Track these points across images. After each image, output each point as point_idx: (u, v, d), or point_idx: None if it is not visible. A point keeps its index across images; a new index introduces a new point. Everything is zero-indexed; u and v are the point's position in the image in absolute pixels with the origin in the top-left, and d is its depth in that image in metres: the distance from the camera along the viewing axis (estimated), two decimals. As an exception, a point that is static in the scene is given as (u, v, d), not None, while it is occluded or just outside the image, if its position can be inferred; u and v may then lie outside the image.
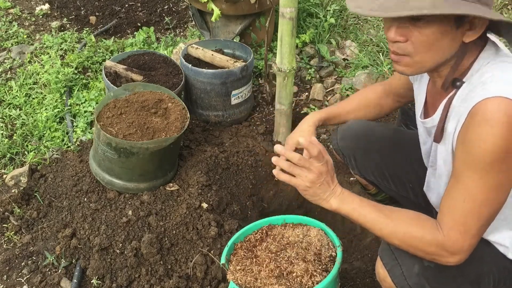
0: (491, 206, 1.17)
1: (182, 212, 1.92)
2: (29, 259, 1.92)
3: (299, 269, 1.50)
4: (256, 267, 1.56)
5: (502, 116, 1.07)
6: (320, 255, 1.55)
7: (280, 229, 1.71)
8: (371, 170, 1.86)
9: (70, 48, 3.30)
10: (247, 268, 1.56)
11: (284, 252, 1.58)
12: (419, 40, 1.16)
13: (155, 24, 3.75)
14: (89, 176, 2.09)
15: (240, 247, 1.66)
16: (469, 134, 1.14)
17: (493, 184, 1.14)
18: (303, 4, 3.46)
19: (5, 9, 3.82)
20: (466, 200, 1.17)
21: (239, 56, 2.73)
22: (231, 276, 1.54)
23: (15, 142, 2.47)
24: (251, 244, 1.67)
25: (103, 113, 1.98)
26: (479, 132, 1.10)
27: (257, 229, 1.72)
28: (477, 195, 1.16)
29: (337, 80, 2.96)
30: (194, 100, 2.59)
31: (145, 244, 1.81)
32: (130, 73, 2.43)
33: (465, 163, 1.16)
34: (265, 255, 1.60)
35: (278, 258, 1.56)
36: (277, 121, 2.52)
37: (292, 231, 1.68)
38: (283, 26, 2.16)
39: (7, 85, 2.90)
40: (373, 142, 1.82)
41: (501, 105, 1.08)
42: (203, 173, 2.11)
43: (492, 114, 1.08)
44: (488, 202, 1.16)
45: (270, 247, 1.62)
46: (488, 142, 1.09)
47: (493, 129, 1.08)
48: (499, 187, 1.15)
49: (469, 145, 1.14)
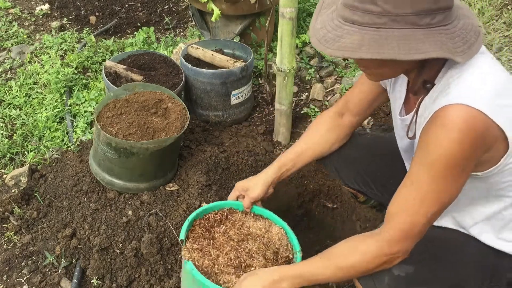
0: (439, 206, 1.21)
1: (182, 212, 1.93)
2: (29, 259, 1.92)
3: (259, 265, 1.49)
4: (215, 251, 1.54)
5: (461, 122, 1.09)
6: (277, 255, 1.55)
7: (240, 215, 1.70)
8: (354, 179, 1.88)
9: (70, 48, 3.30)
10: (204, 250, 1.54)
11: (246, 243, 1.57)
12: (372, 65, 1.20)
13: (155, 24, 3.75)
14: (89, 176, 2.09)
15: (199, 224, 1.64)
16: (428, 137, 1.16)
17: (444, 187, 1.18)
18: (303, 4, 3.46)
19: (5, 9, 3.82)
20: (415, 199, 1.20)
21: (239, 56, 2.73)
22: (187, 255, 1.52)
23: (15, 142, 2.47)
24: (209, 223, 1.65)
25: (103, 113, 1.98)
26: (437, 136, 1.13)
27: (217, 210, 1.71)
28: (427, 196, 1.19)
29: (337, 80, 2.96)
30: (194, 100, 2.59)
31: (145, 244, 1.81)
32: (130, 73, 2.43)
33: (420, 163, 1.19)
34: (223, 240, 1.58)
35: (239, 248, 1.55)
36: (277, 121, 2.52)
37: (253, 222, 1.67)
38: (283, 26, 2.16)
39: (7, 85, 2.90)
40: (351, 151, 1.82)
41: (461, 112, 1.10)
42: (203, 173, 2.11)
43: (451, 120, 1.11)
44: (437, 202, 1.19)
45: (230, 233, 1.61)
46: (445, 147, 1.12)
47: (450, 134, 1.10)
48: (450, 190, 1.19)
49: (427, 148, 1.17)
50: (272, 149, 2.51)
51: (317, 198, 2.29)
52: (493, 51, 3.10)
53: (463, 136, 1.09)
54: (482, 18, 3.38)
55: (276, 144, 2.56)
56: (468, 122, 1.09)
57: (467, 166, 1.16)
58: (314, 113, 2.71)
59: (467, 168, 1.17)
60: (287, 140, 2.57)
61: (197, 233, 1.60)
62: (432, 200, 1.19)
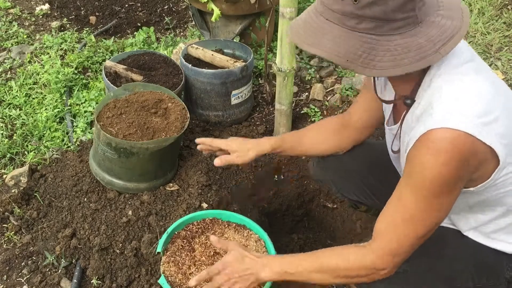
0: (428, 227, 1.21)
1: (182, 212, 1.93)
2: (29, 259, 1.92)
3: None
4: (190, 264, 1.55)
5: (447, 144, 1.10)
6: None
7: (222, 226, 1.71)
8: (352, 191, 1.87)
9: (70, 48, 3.30)
10: (180, 263, 1.56)
11: (219, 256, 1.58)
12: None
13: (155, 24, 3.75)
14: (89, 176, 2.09)
15: (178, 236, 1.66)
16: (414, 160, 1.17)
17: (432, 207, 1.18)
18: (303, 4, 3.46)
19: (5, 9, 3.82)
20: (403, 219, 1.21)
21: (239, 56, 2.73)
22: (162, 268, 1.54)
23: (15, 142, 2.47)
24: (191, 234, 1.66)
25: (103, 113, 1.98)
26: (423, 159, 1.13)
27: (199, 220, 1.72)
28: (414, 217, 1.19)
29: (337, 80, 2.96)
30: (194, 100, 2.59)
31: (145, 244, 1.81)
32: (130, 73, 2.43)
33: (408, 184, 1.20)
34: (201, 252, 1.59)
35: (214, 262, 1.55)
36: (277, 121, 2.53)
37: (233, 234, 1.68)
38: (283, 26, 2.16)
39: (7, 85, 2.90)
40: (348, 164, 1.80)
41: (447, 135, 1.10)
42: (203, 173, 2.11)
43: (437, 144, 1.11)
44: (425, 223, 1.20)
45: (207, 243, 1.62)
46: (431, 170, 1.12)
47: (437, 157, 1.11)
48: (438, 211, 1.19)
49: (414, 170, 1.17)
50: (272, 149, 2.51)
51: (317, 198, 2.29)
52: (493, 51, 3.11)
53: (450, 159, 1.10)
54: (482, 18, 3.38)
55: (276, 144, 2.56)
56: (454, 145, 1.09)
57: (455, 187, 1.17)
58: (314, 113, 2.71)
59: (456, 189, 1.17)
60: (287, 140, 2.57)
61: (177, 245, 1.62)
62: (419, 221, 1.20)
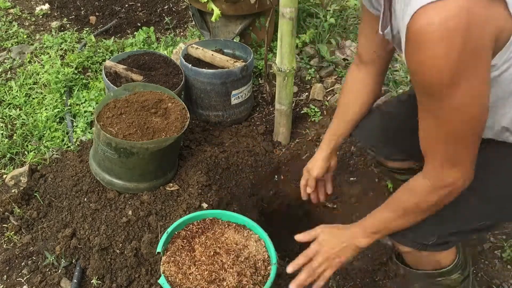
0: (469, 124, 1.07)
1: (182, 212, 1.93)
2: (29, 259, 1.92)
3: (232, 279, 1.50)
4: (190, 264, 1.55)
5: (435, 31, 0.91)
6: (256, 268, 1.55)
7: (222, 226, 1.70)
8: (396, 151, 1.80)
9: (70, 48, 3.30)
10: (181, 263, 1.55)
11: (219, 256, 1.58)
12: None
13: (155, 24, 3.75)
14: (89, 176, 2.09)
15: (178, 236, 1.65)
16: (413, 64, 1.01)
17: (461, 102, 1.02)
18: (303, 4, 3.46)
19: (5, 9, 3.82)
20: (440, 129, 1.08)
21: (239, 56, 2.73)
22: (162, 268, 1.54)
23: (15, 142, 2.47)
24: (191, 234, 1.66)
25: (103, 113, 1.98)
26: (420, 60, 0.98)
27: (199, 220, 1.72)
28: (449, 121, 1.06)
29: (337, 80, 2.96)
30: (194, 100, 2.59)
31: (145, 244, 1.81)
32: (130, 73, 2.43)
33: (424, 93, 1.06)
34: (201, 252, 1.58)
35: (214, 262, 1.55)
36: (277, 121, 2.53)
37: (233, 234, 1.67)
38: (283, 26, 2.16)
39: (7, 85, 2.90)
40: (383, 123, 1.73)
41: (428, 19, 0.91)
42: (203, 173, 2.11)
43: (424, 34, 0.93)
44: (464, 122, 1.06)
45: (207, 243, 1.62)
46: (432, 68, 0.97)
47: (431, 51, 0.94)
48: (469, 103, 1.03)
49: (418, 76, 1.02)
50: (272, 149, 2.51)
51: (317, 198, 2.29)
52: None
53: (445, 45, 0.92)
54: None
55: (276, 144, 2.56)
56: (444, 25, 0.90)
57: (478, 64, 0.97)
58: (314, 113, 2.70)
59: (480, 64, 0.98)
60: (287, 140, 2.57)
61: (177, 245, 1.62)
62: (457, 119, 1.05)
